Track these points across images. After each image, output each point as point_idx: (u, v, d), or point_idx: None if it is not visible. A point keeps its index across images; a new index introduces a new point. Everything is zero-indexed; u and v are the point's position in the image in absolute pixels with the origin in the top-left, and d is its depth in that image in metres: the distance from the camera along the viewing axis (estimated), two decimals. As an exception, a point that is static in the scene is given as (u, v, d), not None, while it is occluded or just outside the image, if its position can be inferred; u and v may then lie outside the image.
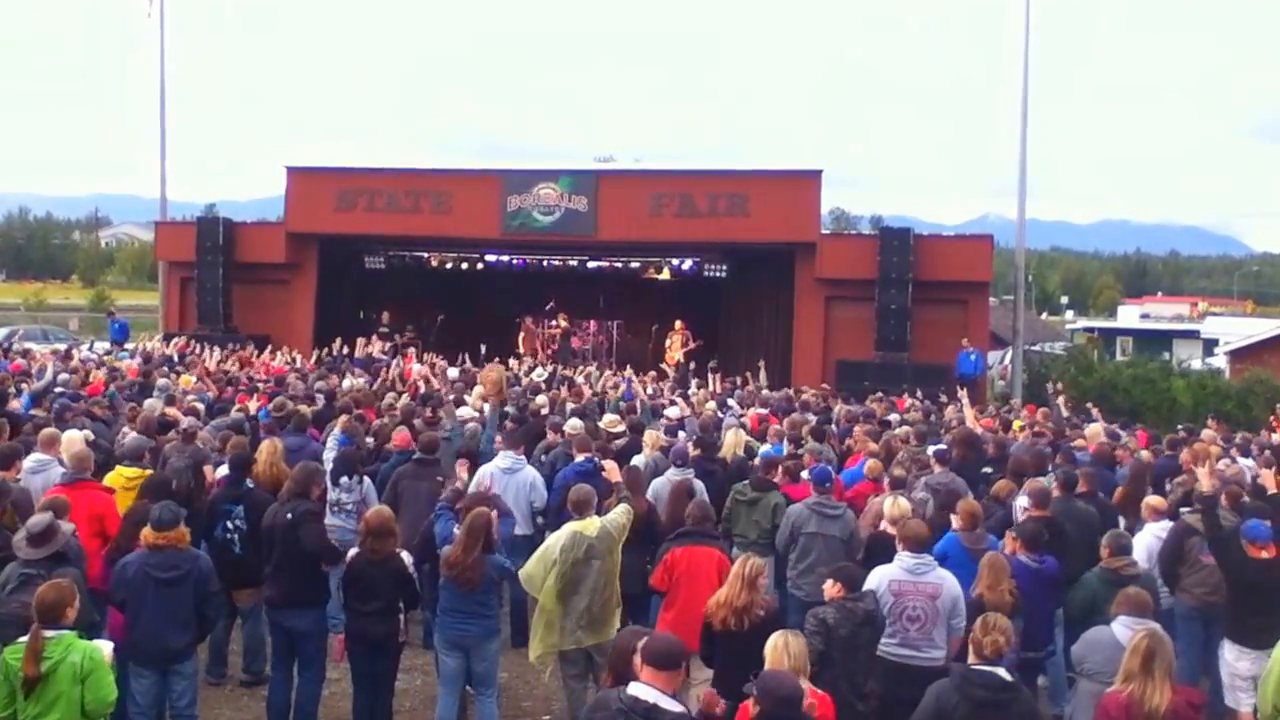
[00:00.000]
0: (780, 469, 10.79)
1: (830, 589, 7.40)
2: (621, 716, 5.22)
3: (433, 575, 8.33)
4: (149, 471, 9.69)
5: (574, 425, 12.42)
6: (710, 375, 21.17)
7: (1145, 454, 13.06)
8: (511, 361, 22.67)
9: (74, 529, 7.90)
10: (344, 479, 10.61)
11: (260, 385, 16.39)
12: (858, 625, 7.18)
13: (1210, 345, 50.30)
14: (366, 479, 10.79)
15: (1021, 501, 9.78)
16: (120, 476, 9.63)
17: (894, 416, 15.79)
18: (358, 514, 10.32)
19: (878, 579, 7.85)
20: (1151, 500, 10.05)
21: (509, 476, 10.41)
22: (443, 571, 7.94)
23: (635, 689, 5.30)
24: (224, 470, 9.95)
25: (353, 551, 8.19)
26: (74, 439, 10.09)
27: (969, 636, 6.32)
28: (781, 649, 6.01)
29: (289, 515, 8.37)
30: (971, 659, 6.14)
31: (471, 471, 10.26)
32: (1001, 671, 5.97)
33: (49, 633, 6.18)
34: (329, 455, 11.29)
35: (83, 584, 6.94)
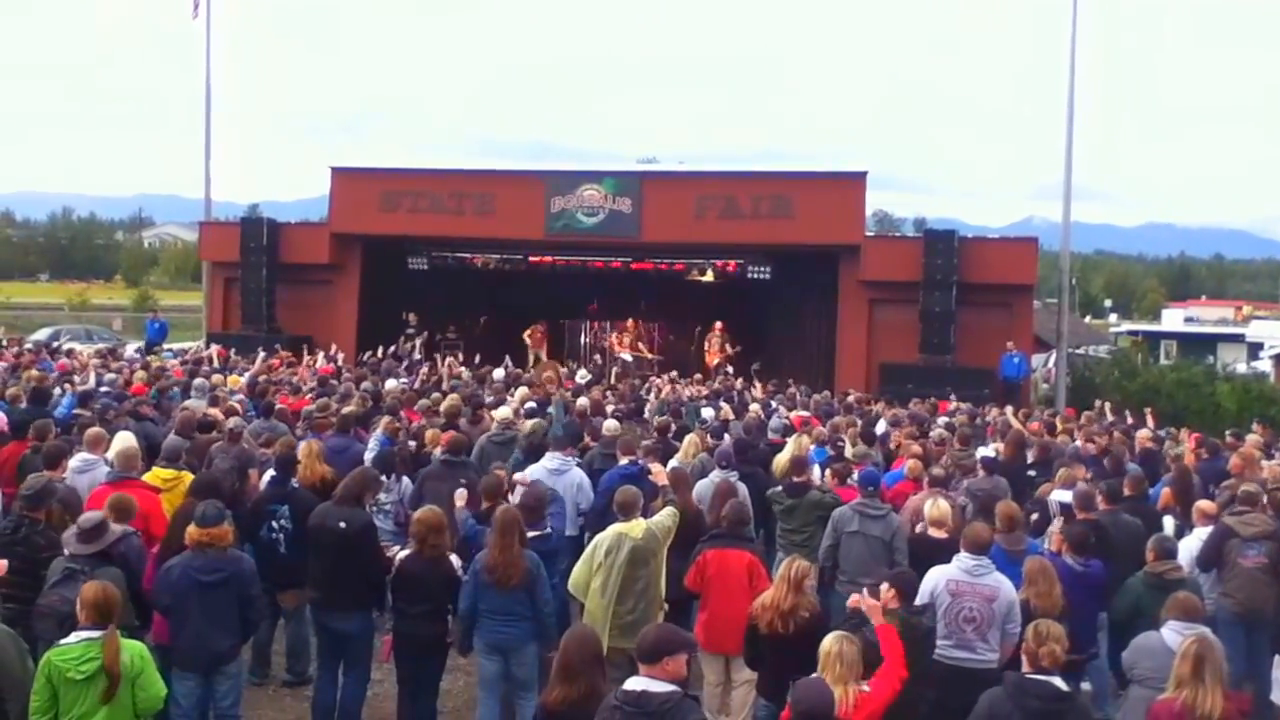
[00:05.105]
0: (830, 471, 10.77)
1: (886, 595, 7.15)
2: (617, 712, 5.26)
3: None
4: (184, 473, 9.71)
5: (610, 427, 12.42)
6: (754, 376, 21.10)
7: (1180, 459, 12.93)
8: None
9: (137, 532, 7.95)
10: (382, 479, 10.59)
11: (302, 388, 16.47)
12: (913, 643, 6.87)
13: (1255, 349, 49.97)
14: (405, 479, 10.80)
15: (1058, 496, 9.68)
16: (156, 477, 9.63)
17: (940, 420, 15.71)
18: (395, 514, 10.36)
19: (935, 579, 7.81)
20: (1202, 504, 9.95)
21: (557, 478, 10.37)
22: (483, 576, 7.84)
23: (628, 683, 5.36)
24: (271, 473, 9.92)
25: (404, 553, 8.12)
26: (124, 438, 10.15)
27: (1022, 645, 6.22)
28: (835, 655, 5.92)
29: (342, 524, 8.27)
30: (1026, 667, 6.05)
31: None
32: (1057, 680, 5.90)
33: (96, 633, 6.15)
34: (369, 456, 11.30)
35: (124, 585, 6.96)
